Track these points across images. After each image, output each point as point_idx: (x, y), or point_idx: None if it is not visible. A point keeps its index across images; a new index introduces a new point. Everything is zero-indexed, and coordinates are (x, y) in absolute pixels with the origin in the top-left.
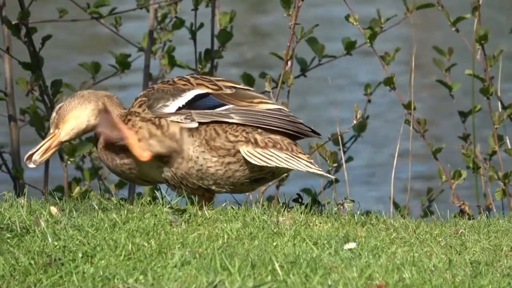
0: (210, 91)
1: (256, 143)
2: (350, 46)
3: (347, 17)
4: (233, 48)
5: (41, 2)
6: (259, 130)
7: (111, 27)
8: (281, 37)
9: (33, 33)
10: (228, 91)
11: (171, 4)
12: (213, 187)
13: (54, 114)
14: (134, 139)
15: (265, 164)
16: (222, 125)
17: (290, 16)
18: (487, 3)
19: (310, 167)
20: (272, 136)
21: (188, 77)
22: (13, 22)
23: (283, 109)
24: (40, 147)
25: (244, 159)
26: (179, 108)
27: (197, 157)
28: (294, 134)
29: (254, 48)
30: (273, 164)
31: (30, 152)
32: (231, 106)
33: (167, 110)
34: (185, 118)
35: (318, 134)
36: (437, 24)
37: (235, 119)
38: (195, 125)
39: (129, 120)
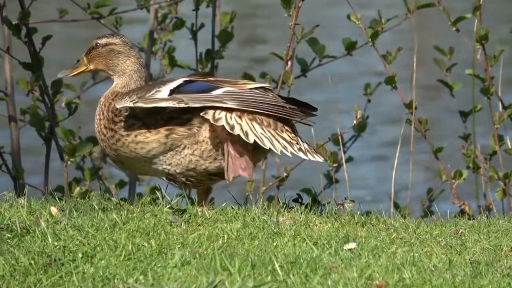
0: (193, 78)
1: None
2: (350, 47)
3: (348, 16)
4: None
5: (42, 2)
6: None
7: (111, 27)
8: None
9: (33, 33)
10: (211, 78)
11: (172, 5)
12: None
13: (102, 45)
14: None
15: (228, 127)
16: None
17: (291, 16)
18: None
19: (277, 148)
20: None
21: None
22: (14, 23)
23: (266, 87)
24: (69, 72)
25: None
26: (171, 92)
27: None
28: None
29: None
30: (237, 131)
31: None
32: (224, 89)
33: (160, 95)
34: (178, 103)
35: (315, 109)
36: (439, 24)
37: (229, 104)
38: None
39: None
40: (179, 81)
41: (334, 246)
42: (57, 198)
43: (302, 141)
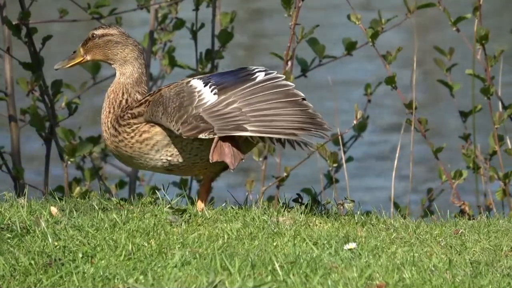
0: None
1: None
2: (350, 47)
3: (349, 17)
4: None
5: (42, 2)
6: None
7: None
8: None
9: (33, 34)
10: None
11: (172, 5)
12: None
13: (98, 36)
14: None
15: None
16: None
17: (291, 16)
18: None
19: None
20: None
21: (158, 89)
22: (14, 23)
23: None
24: (65, 63)
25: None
26: (214, 92)
27: None
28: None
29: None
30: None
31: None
32: (261, 76)
33: (210, 102)
34: (208, 134)
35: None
36: (439, 24)
37: (250, 130)
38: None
39: (132, 123)
40: (199, 80)
41: (334, 246)
42: (57, 198)
43: None
